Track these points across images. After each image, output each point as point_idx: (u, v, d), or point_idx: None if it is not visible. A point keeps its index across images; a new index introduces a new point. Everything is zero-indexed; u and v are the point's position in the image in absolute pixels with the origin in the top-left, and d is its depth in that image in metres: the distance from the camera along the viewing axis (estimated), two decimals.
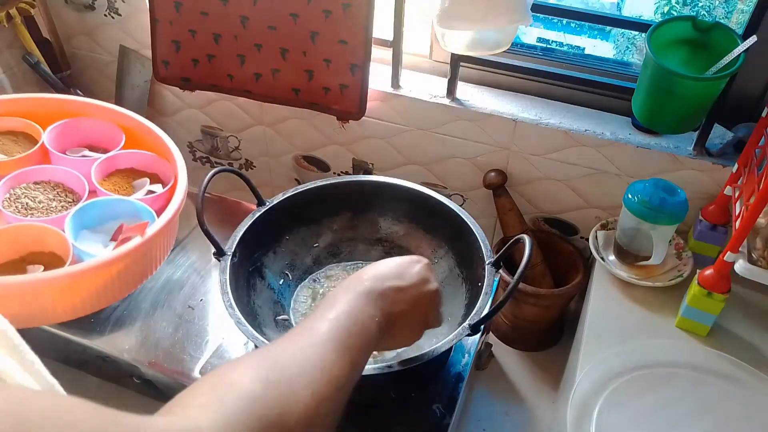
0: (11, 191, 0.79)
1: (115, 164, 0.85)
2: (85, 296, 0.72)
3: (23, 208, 0.77)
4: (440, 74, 1.08)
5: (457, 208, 0.87)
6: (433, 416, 0.76)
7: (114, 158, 0.84)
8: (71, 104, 0.89)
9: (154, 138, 0.86)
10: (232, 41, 1.02)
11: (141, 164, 0.86)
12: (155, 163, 0.85)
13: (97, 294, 0.73)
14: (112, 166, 0.85)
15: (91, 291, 0.72)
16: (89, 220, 0.77)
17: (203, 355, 0.82)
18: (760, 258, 0.74)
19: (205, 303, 0.90)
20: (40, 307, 0.72)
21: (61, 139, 0.86)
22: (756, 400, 0.74)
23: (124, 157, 0.85)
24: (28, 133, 0.85)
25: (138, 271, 0.74)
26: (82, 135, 0.89)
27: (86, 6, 1.21)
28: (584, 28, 1.37)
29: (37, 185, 0.80)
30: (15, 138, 0.85)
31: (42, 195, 0.79)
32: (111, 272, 0.70)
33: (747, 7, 0.95)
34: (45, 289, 0.69)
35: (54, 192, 0.80)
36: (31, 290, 0.69)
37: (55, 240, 0.74)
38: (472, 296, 0.80)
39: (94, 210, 0.78)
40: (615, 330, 0.83)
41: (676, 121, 0.85)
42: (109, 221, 0.77)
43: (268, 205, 0.87)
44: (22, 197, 0.79)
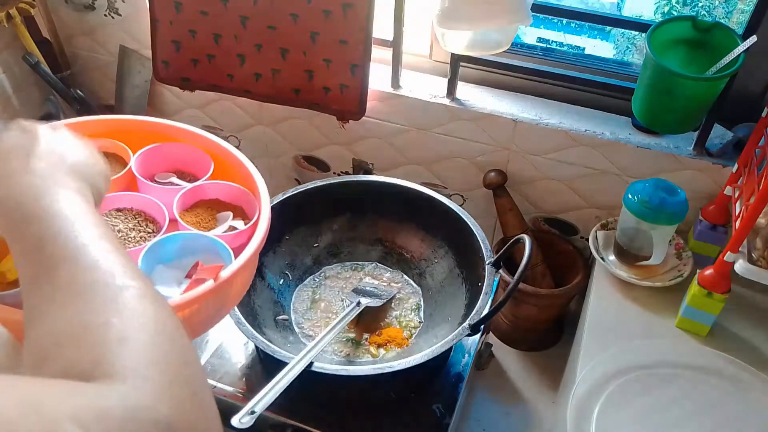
0: None
1: (201, 194, 0.82)
2: None
3: None
4: (440, 74, 1.08)
5: (457, 208, 0.87)
6: (433, 416, 0.76)
7: (199, 188, 0.81)
8: (162, 127, 0.86)
9: (241, 169, 0.82)
10: (232, 41, 1.02)
11: (226, 196, 0.82)
12: (240, 195, 0.82)
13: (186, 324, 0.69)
14: (197, 196, 0.81)
15: None
16: (166, 254, 0.74)
17: (203, 355, 0.82)
18: (760, 258, 0.74)
19: None
20: None
21: (149, 162, 0.83)
22: (756, 401, 0.74)
23: (210, 187, 0.82)
24: (118, 154, 0.83)
25: (210, 312, 0.71)
26: (172, 160, 0.86)
27: (86, 6, 1.21)
28: (584, 28, 1.37)
29: (119, 212, 0.78)
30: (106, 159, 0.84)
31: (122, 224, 0.77)
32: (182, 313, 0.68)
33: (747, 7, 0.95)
34: None
35: (135, 221, 0.78)
36: None
37: None
38: (472, 296, 0.80)
39: (172, 244, 0.75)
40: (615, 330, 0.83)
41: (676, 121, 0.85)
42: (187, 256, 0.74)
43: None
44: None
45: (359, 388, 0.77)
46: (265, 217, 0.75)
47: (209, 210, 0.82)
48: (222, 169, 0.83)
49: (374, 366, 0.67)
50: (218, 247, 0.73)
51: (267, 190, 0.78)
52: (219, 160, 0.83)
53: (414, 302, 0.89)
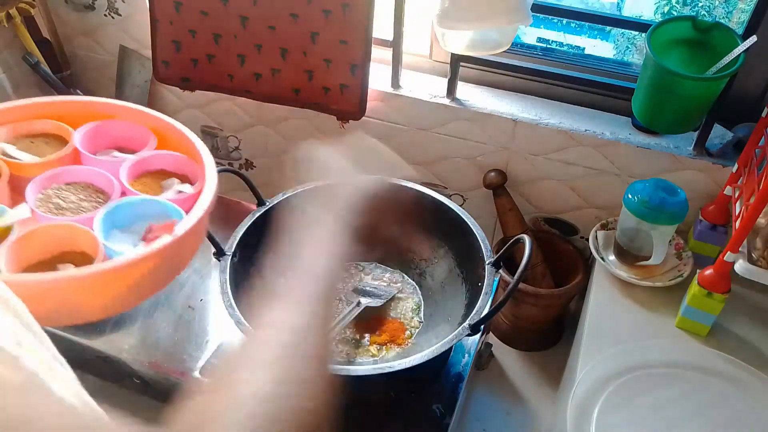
0: (43, 192, 0.80)
1: (145, 166, 0.86)
2: (115, 294, 0.73)
3: (55, 209, 0.79)
4: (440, 74, 1.08)
5: (457, 208, 0.86)
6: (433, 416, 0.76)
7: (144, 160, 0.85)
8: (102, 106, 0.91)
9: (183, 139, 0.87)
10: (232, 41, 1.02)
11: (171, 165, 0.87)
12: (185, 164, 0.86)
13: (128, 292, 0.74)
14: (142, 168, 0.86)
15: (121, 289, 0.73)
16: (119, 221, 0.78)
17: (203, 355, 0.82)
18: (760, 258, 0.74)
19: (205, 303, 0.89)
20: (71, 305, 0.72)
21: (91, 140, 0.87)
22: (756, 401, 0.74)
23: (154, 158, 0.86)
24: (59, 135, 0.87)
25: (167, 269, 0.76)
26: (113, 137, 0.89)
27: (86, 6, 1.21)
28: (584, 28, 1.37)
29: (68, 186, 0.82)
30: (47, 140, 0.87)
31: (73, 195, 0.81)
32: (141, 270, 0.72)
33: (747, 7, 0.95)
34: (75, 287, 0.70)
35: (85, 192, 0.82)
36: (62, 288, 0.69)
37: (86, 239, 0.75)
38: (472, 296, 0.80)
39: (124, 210, 0.79)
40: (615, 330, 0.83)
41: (676, 121, 0.85)
42: (138, 222, 0.79)
43: (268, 205, 0.87)
44: (53, 197, 0.80)
45: (359, 388, 0.77)
46: (212, 178, 0.78)
47: (156, 180, 0.85)
48: (164, 142, 0.87)
49: (374, 366, 0.67)
50: (169, 210, 0.77)
51: (210, 154, 0.81)
52: (161, 134, 0.87)
53: (414, 302, 0.89)
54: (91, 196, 0.81)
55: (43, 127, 0.87)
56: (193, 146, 0.85)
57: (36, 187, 0.79)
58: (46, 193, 0.80)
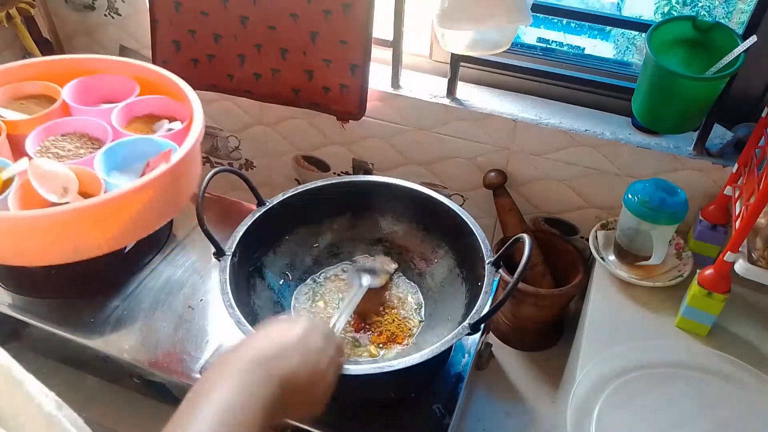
0: (41, 144, 0.84)
1: (133, 112, 0.91)
2: (121, 225, 0.76)
3: (54, 158, 0.83)
4: (440, 74, 1.08)
5: (457, 208, 0.86)
6: (433, 416, 0.76)
7: (130, 106, 0.91)
8: (86, 63, 0.96)
9: (168, 82, 0.92)
10: (232, 41, 1.02)
11: (158, 109, 0.92)
12: (171, 105, 0.92)
13: (134, 223, 0.77)
14: (131, 114, 0.91)
15: (124, 220, 0.76)
16: (118, 162, 0.83)
17: (203, 355, 0.82)
18: (760, 258, 0.74)
19: (205, 303, 0.89)
20: (77, 239, 0.75)
21: (79, 96, 0.92)
22: (756, 400, 0.74)
23: (141, 103, 0.91)
24: (49, 95, 0.93)
25: (167, 200, 0.80)
26: (99, 91, 0.95)
27: (86, 6, 1.21)
28: (584, 28, 1.37)
29: (64, 137, 0.86)
30: (37, 100, 0.92)
31: (70, 145, 0.85)
32: (142, 200, 0.75)
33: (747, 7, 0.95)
34: (80, 219, 0.73)
35: (80, 141, 0.86)
36: (68, 220, 0.72)
37: (87, 179, 0.79)
38: (472, 296, 0.80)
39: (121, 151, 0.83)
40: (615, 330, 0.83)
41: (676, 121, 0.85)
42: (136, 161, 0.84)
43: (268, 205, 0.87)
44: (51, 148, 0.84)
45: (359, 388, 0.77)
46: (198, 111, 0.84)
47: (146, 123, 0.90)
48: (150, 88, 0.92)
49: (374, 366, 0.67)
50: (163, 147, 0.82)
51: (196, 95, 0.87)
52: (144, 81, 0.93)
53: (414, 302, 0.89)
54: (87, 144, 0.86)
55: (32, 89, 0.92)
56: (176, 87, 0.90)
57: (34, 141, 0.83)
58: (44, 144, 0.84)
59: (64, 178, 0.77)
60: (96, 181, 0.78)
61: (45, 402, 0.32)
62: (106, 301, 0.89)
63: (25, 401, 0.31)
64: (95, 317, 0.86)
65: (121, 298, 0.90)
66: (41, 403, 0.32)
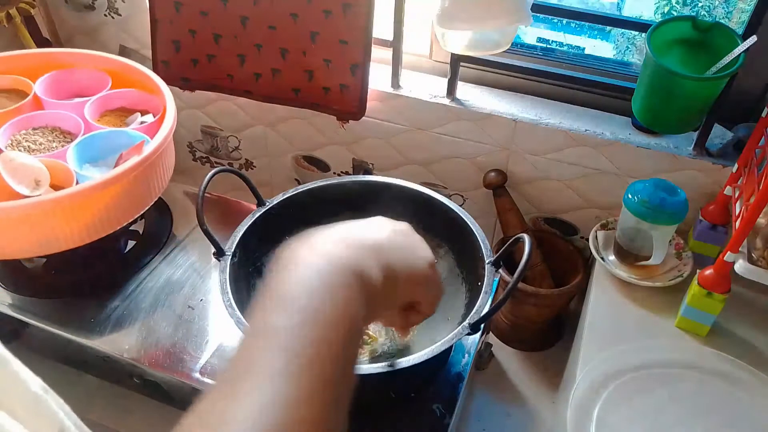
0: (12, 137, 0.84)
1: (106, 105, 0.91)
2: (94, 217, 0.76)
3: (26, 152, 0.82)
4: (440, 74, 1.08)
5: (457, 208, 0.86)
6: (433, 416, 0.76)
7: (103, 99, 0.90)
8: (58, 56, 0.95)
9: (141, 76, 0.92)
10: (232, 41, 1.02)
11: (130, 102, 0.92)
12: (143, 98, 0.93)
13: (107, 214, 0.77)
14: (103, 107, 0.91)
15: (98, 212, 0.76)
16: (89, 155, 0.83)
17: (203, 355, 0.82)
18: (760, 258, 0.74)
19: (205, 303, 0.90)
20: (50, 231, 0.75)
21: (51, 90, 0.92)
22: (756, 400, 0.74)
23: (113, 97, 0.91)
24: (20, 89, 0.92)
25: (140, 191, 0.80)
26: (71, 85, 0.94)
27: (86, 6, 1.21)
28: (584, 28, 1.37)
29: (35, 130, 0.85)
30: (8, 95, 0.91)
31: (41, 138, 0.84)
32: (116, 190, 0.75)
33: (747, 7, 0.95)
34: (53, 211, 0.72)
35: (52, 135, 0.86)
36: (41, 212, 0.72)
37: (60, 172, 0.78)
38: (472, 295, 0.80)
39: (94, 144, 0.82)
40: (615, 330, 0.83)
41: (676, 121, 0.85)
42: (109, 155, 0.84)
43: (268, 205, 0.87)
44: (23, 141, 0.83)
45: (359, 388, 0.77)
46: (171, 103, 0.84)
47: (118, 117, 0.90)
48: (123, 82, 0.92)
49: (374, 366, 0.67)
50: (135, 139, 0.82)
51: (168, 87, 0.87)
52: (117, 75, 0.93)
53: None
54: (59, 137, 0.85)
55: (3, 83, 0.92)
56: (149, 80, 0.90)
57: (4, 135, 0.83)
58: (15, 138, 0.84)
59: (36, 171, 0.76)
60: (68, 173, 0.77)
61: (32, 382, 0.31)
62: (106, 301, 0.89)
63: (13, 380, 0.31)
64: (95, 317, 0.87)
65: (121, 298, 0.90)
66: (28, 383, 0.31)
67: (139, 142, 0.79)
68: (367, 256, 0.41)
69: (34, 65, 0.93)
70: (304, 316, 0.35)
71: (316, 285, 0.36)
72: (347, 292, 0.37)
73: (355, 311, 0.37)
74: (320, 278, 0.37)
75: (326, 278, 0.37)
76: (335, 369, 0.34)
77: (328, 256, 0.38)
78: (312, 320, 0.35)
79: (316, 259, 0.38)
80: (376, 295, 0.40)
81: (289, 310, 0.35)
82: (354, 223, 0.45)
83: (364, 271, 0.39)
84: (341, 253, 0.39)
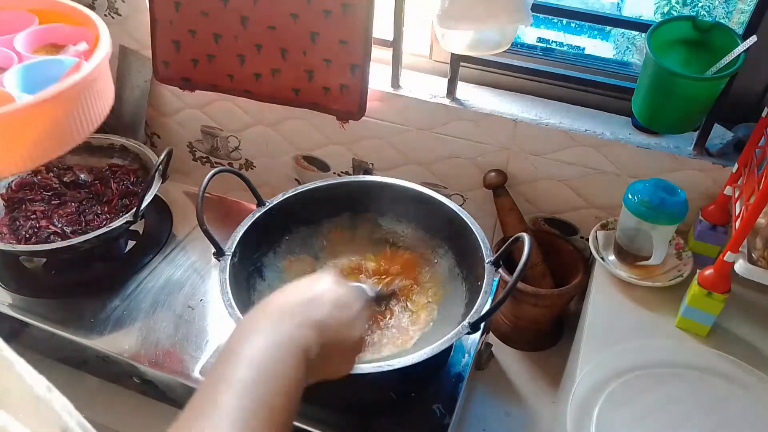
0: None
1: (36, 42, 0.86)
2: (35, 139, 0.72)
3: None
4: (440, 74, 1.08)
5: (457, 208, 0.87)
6: (433, 416, 0.76)
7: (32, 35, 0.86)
8: None
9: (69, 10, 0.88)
10: (232, 41, 1.02)
11: (61, 37, 0.87)
12: (75, 31, 0.88)
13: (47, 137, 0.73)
14: (34, 44, 0.86)
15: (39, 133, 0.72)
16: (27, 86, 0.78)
17: (203, 355, 0.82)
18: (760, 258, 0.74)
19: (205, 303, 0.90)
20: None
21: None
22: (756, 400, 0.74)
23: (42, 32, 0.87)
24: None
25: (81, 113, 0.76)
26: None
27: (86, 6, 1.20)
28: (584, 28, 1.37)
29: None
30: None
31: None
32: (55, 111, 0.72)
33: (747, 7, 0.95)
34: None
35: None
36: None
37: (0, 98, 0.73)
38: (471, 295, 0.80)
39: (30, 74, 0.78)
40: (615, 330, 0.83)
41: (676, 121, 0.85)
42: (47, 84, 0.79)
43: (268, 205, 0.87)
44: None
45: (359, 388, 0.77)
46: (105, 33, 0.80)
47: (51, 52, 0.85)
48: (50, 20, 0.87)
49: (374, 366, 0.67)
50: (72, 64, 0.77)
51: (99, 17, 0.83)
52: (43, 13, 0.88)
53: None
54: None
55: None
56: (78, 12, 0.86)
57: None
58: None
59: None
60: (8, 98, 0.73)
61: (36, 383, 0.32)
62: (106, 301, 0.89)
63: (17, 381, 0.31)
64: (95, 317, 0.87)
65: (121, 298, 0.90)
66: (32, 384, 0.32)
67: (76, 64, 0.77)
68: (311, 336, 0.50)
69: None
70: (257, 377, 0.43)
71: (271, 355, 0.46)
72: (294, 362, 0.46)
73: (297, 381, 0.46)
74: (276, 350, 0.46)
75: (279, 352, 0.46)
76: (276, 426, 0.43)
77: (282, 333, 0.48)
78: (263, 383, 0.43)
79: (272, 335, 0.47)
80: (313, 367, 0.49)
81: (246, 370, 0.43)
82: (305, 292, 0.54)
83: (308, 349, 0.49)
84: (292, 332, 0.49)
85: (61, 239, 0.92)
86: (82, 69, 0.73)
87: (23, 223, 0.96)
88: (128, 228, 0.94)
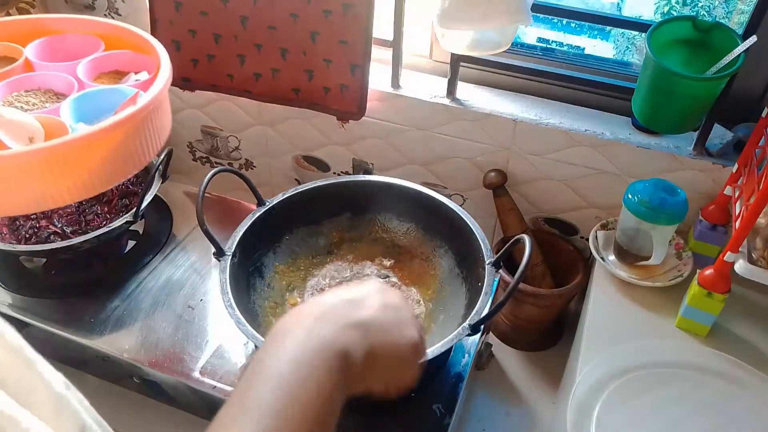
0: (5, 99, 0.81)
1: (99, 68, 0.87)
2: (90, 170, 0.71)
3: None
4: (440, 74, 1.08)
5: (457, 208, 0.87)
6: (433, 416, 0.76)
7: (96, 61, 0.87)
8: (48, 22, 0.92)
9: (134, 37, 0.89)
10: (232, 41, 1.02)
11: (124, 64, 0.89)
12: (137, 59, 0.88)
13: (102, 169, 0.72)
14: (97, 70, 0.87)
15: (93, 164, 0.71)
16: (84, 114, 0.78)
17: (203, 355, 0.82)
18: (760, 258, 0.74)
19: (205, 303, 0.90)
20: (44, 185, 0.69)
21: (43, 55, 0.88)
22: (756, 401, 0.74)
23: (106, 59, 0.88)
24: (11, 56, 0.88)
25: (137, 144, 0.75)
26: (63, 51, 0.90)
27: (86, 6, 1.21)
28: (584, 28, 1.37)
29: (28, 92, 0.83)
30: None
31: (35, 99, 0.81)
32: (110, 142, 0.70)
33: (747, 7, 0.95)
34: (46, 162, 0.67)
35: (46, 96, 0.82)
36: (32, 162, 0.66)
37: (54, 128, 0.74)
38: (472, 296, 0.80)
39: (87, 102, 0.79)
40: (615, 330, 0.83)
41: (676, 121, 0.85)
42: (103, 114, 0.78)
43: (268, 205, 0.87)
44: (15, 103, 0.81)
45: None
46: (166, 62, 0.80)
47: (112, 79, 0.87)
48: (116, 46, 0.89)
49: None
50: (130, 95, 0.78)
51: (162, 46, 0.83)
52: (110, 39, 0.90)
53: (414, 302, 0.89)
54: (52, 99, 0.82)
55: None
56: (142, 40, 0.86)
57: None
58: (7, 99, 0.81)
59: (30, 128, 0.72)
60: (63, 129, 0.74)
61: (54, 382, 0.33)
62: (106, 301, 0.89)
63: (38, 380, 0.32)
64: (95, 317, 0.87)
65: (121, 298, 0.90)
66: (51, 383, 0.32)
67: (133, 95, 0.76)
68: (353, 336, 0.43)
69: (24, 32, 0.89)
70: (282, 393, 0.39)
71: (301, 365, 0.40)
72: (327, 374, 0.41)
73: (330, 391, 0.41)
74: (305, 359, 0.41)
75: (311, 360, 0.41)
76: None
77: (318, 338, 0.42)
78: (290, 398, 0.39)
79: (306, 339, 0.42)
80: (356, 373, 0.43)
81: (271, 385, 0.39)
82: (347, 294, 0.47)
83: (349, 353, 0.42)
84: (329, 335, 0.42)
85: (61, 239, 0.92)
86: (139, 101, 0.72)
87: (23, 223, 0.96)
88: (128, 228, 0.94)
